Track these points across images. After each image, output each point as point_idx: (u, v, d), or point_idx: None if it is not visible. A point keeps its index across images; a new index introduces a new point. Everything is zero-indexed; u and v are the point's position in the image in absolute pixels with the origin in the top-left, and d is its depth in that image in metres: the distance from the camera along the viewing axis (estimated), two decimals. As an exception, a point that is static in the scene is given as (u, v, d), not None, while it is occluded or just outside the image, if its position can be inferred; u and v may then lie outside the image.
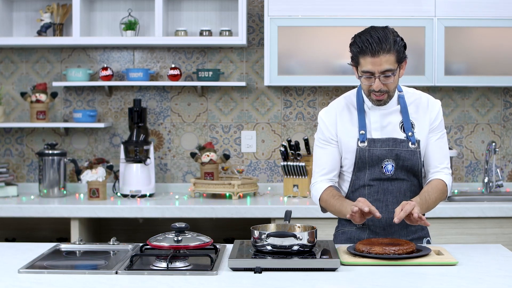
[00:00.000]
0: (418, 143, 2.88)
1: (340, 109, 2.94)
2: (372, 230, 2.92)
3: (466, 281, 2.37)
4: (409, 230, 2.94)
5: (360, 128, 2.88)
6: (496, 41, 4.35)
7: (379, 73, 2.75)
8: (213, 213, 4.13)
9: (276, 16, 4.36)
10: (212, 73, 4.59)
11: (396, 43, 2.76)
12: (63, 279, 2.40)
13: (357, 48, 2.76)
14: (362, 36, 2.77)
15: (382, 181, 2.88)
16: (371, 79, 2.78)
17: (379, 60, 2.73)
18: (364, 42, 2.74)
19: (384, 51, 2.72)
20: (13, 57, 4.78)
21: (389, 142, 2.87)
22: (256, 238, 2.61)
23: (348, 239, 2.97)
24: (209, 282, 2.35)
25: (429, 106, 2.92)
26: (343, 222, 3.01)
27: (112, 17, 4.71)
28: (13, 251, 2.86)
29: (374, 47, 2.72)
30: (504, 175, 4.75)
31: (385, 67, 2.74)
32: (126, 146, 4.53)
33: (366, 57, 2.74)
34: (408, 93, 2.95)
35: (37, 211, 4.16)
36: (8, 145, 4.81)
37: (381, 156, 2.86)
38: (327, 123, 2.93)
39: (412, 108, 2.91)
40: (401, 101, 2.90)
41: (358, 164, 2.89)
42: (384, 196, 2.89)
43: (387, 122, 2.89)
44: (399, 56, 2.77)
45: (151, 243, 2.60)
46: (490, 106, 4.74)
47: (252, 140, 4.78)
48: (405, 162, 2.87)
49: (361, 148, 2.87)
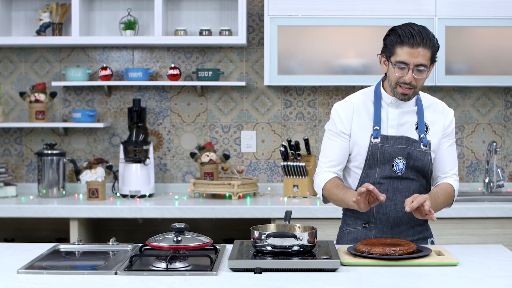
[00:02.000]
0: (429, 146, 2.91)
1: (358, 104, 2.95)
2: (379, 229, 2.93)
3: (467, 281, 2.37)
4: (415, 230, 2.96)
5: (375, 124, 2.90)
6: (497, 40, 4.34)
7: (414, 65, 2.79)
8: (212, 214, 4.12)
9: (276, 15, 4.35)
10: (211, 73, 4.58)
11: (434, 42, 2.82)
12: (62, 279, 2.39)
13: (396, 37, 2.80)
14: (403, 28, 2.81)
15: (392, 179, 2.89)
16: (405, 70, 2.80)
17: (417, 53, 2.77)
18: (406, 33, 2.78)
19: (424, 45, 2.78)
20: (12, 56, 4.77)
21: (402, 141, 2.89)
22: (256, 238, 2.60)
23: (354, 239, 2.96)
24: (209, 283, 2.35)
25: (444, 113, 2.98)
26: (348, 222, 3.01)
27: (111, 17, 4.70)
28: (12, 251, 2.85)
29: (416, 39, 2.77)
30: (505, 175, 4.74)
31: (420, 61, 2.78)
32: (126, 146, 4.52)
33: (404, 47, 2.78)
34: (424, 97, 2.99)
35: (36, 211, 4.15)
36: (7, 145, 4.80)
37: (393, 153, 2.88)
38: (342, 116, 2.94)
39: (428, 112, 2.95)
40: (418, 103, 2.94)
41: (369, 161, 2.90)
42: (394, 195, 2.90)
43: (404, 121, 2.92)
44: (433, 55, 2.83)
45: (151, 243, 2.60)
46: (491, 106, 4.73)
47: (252, 140, 4.77)
48: (416, 162, 2.89)
49: (374, 144, 2.88)
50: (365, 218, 2.94)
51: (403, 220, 2.91)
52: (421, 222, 2.97)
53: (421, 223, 2.97)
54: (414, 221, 2.93)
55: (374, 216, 2.92)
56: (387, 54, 2.85)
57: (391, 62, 2.83)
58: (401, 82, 2.82)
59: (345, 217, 3.04)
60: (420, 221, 2.96)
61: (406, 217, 2.90)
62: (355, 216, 2.97)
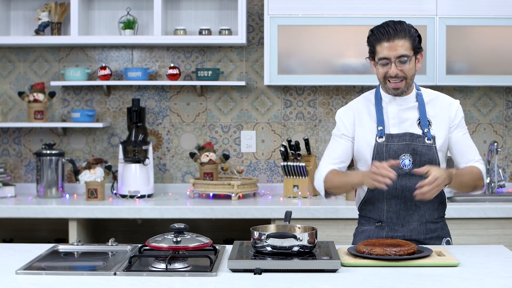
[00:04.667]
0: (434, 139, 2.93)
1: (359, 108, 3.03)
2: (391, 227, 2.96)
3: (468, 282, 2.37)
4: (428, 228, 2.97)
5: (378, 124, 2.95)
6: (498, 40, 4.34)
7: (395, 58, 2.85)
8: (212, 214, 4.11)
9: (276, 15, 4.34)
10: (211, 72, 4.57)
11: (411, 31, 2.88)
12: (61, 280, 2.39)
13: (373, 36, 2.89)
14: (379, 26, 2.91)
15: (400, 177, 2.90)
16: (388, 65, 2.87)
17: (395, 45, 2.84)
18: (380, 29, 2.87)
19: (399, 36, 2.84)
20: (11, 56, 4.76)
21: (405, 137, 2.92)
22: (256, 239, 2.60)
23: (367, 238, 2.99)
24: (209, 283, 2.34)
25: (448, 105, 3.00)
26: (362, 222, 3.05)
27: (110, 16, 4.69)
28: (10, 252, 2.85)
29: (390, 33, 2.85)
30: (506, 175, 4.73)
31: (400, 52, 2.85)
32: (125, 146, 4.51)
33: (382, 43, 2.86)
34: (425, 92, 3.03)
35: (35, 211, 4.14)
36: (5, 145, 4.79)
37: (398, 150, 2.91)
38: (345, 121, 3.02)
39: (429, 106, 2.99)
40: (419, 99, 2.98)
41: (375, 160, 2.91)
42: (402, 193, 2.92)
43: (405, 118, 2.96)
44: (414, 44, 2.88)
45: (150, 244, 2.60)
46: (492, 106, 4.72)
47: (252, 140, 4.76)
48: (422, 157, 2.91)
49: (379, 143, 2.93)
50: (377, 217, 2.97)
51: (413, 217, 2.93)
52: (434, 220, 2.98)
53: (434, 220, 2.97)
54: (426, 218, 2.95)
55: (385, 215, 2.95)
56: (371, 56, 2.94)
57: (375, 62, 2.91)
58: (388, 77, 2.89)
59: (360, 218, 3.08)
60: (432, 219, 2.97)
61: (416, 214, 2.93)
62: (369, 216, 3.01)
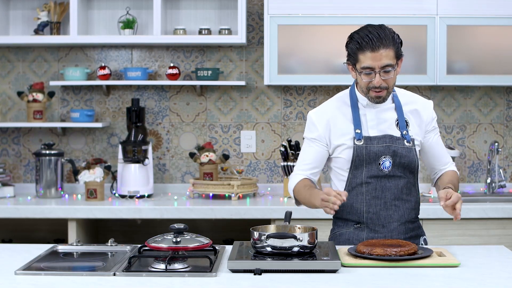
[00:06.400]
0: (413, 142, 2.93)
1: (333, 111, 2.97)
2: (371, 228, 2.93)
3: (468, 282, 2.36)
4: (407, 228, 2.96)
5: (356, 126, 2.91)
6: (499, 39, 4.33)
7: (380, 68, 2.79)
8: (212, 214, 4.11)
9: (276, 14, 4.33)
10: (211, 72, 4.56)
11: (394, 38, 2.82)
12: (60, 280, 2.39)
13: (356, 44, 2.80)
14: (360, 33, 2.81)
15: (379, 178, 2.89)
16: (371, 75, 2.81)
17: (380, 55, 2.77)
18: (364, 38, 2.78)
19: (384, 46, 2.77)
20: (10, 56, 4.75)
21: (385, 139, 2.90)
22: (256, 239, 2.59)
23: (347, 240, 2.96)
24: (208, 284, 2.34)
25: (423, 107, 2.99)
26: (339, 224, 3.02)
27: (110, 16, 4.68)
28: (9, 252, 2.85)
29: (374, 42, 2.76)
30: (507, 175, 4.72)
31: (385, 62, 2.78)
32: (124, 146, 4.50)
33: (366, 53, 2.78)
34: (400, 93, 3.00)
35: (34, 212, 4.13)
36: (4, 145, 4.78)
37: (379, 152, 2.88)
38: (317, 124, 2.96)
39: (406, 107, 2.96)
40: (395, 100, 2.95)
41: (355, 162, 2.90)
42: (382, 193, 2.91)
43: (383, 119, 2.93)
44: (397, 52, 2.83)
45: (150, 244, 2.59)
46: (493, 106, 4.71)
47: (252, 140, 4.75)
48: (402, 159, 2.90)
49: (358, 146, 2.89)
50: (355, 218, 2.94)
51: (393, 217, 2.92)
52: (413, 219, 2.98)
53: (412, 220, 2.97)
54: (405, 218, 2.94)
55: (365, 216, 2.92)
56: (351, 61, 2.86)
57: (357, 70, 2.84)
58: (371, 86, 2.84)
59: (336, 219, 3.03)
60: (411, 218, 2.96)
61: (396, 214, 2.92)
62: (346, 218, 2.97)
